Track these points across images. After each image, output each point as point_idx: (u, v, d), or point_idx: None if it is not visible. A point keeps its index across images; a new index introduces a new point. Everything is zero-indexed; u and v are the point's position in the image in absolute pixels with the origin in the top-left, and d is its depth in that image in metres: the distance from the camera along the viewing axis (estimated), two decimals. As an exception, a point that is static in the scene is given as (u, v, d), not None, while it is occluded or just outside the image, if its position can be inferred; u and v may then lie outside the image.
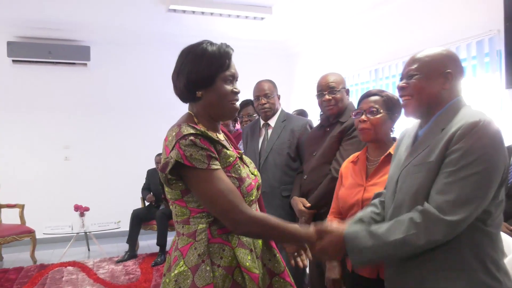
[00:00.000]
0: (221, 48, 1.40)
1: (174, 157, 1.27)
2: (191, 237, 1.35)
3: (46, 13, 5.09)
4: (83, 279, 4.23)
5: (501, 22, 3.31)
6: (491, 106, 3.44)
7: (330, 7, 5.00)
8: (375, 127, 1.87)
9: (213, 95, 1.39)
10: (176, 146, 1.27)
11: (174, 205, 1.40)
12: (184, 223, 1.37)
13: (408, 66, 1.40)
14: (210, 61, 1.36)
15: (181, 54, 1.42)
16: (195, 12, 4.96)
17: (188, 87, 1.39)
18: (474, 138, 1.21)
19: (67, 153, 5.88)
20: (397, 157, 1.52)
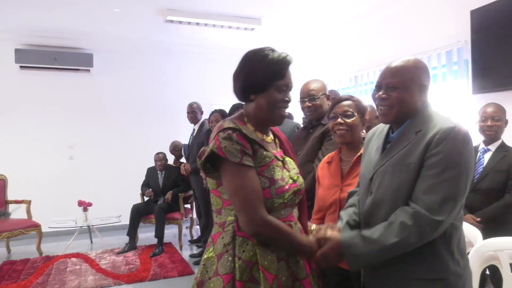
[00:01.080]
0: (280, 56, 1.36)
1: (211, 147, 1.27)
2: (221, 227, 1.34)
3: (52, 22, 5.04)
4: (86, 269, 4.19)
5: (468, 34, 3.36)
6: (459, 110, 3.49)
7: (314, 20, 5.02)
8: (351, 129, 1.86)
9: (264, 100, 1.35)
10: (215, 137, 1.27)
11: (211, 195, 1.39)
12: (217, 213, 1.36)
13: (389, 78, 1.39)
14: (267, 69, 1.32)
15: (245, 56, 1.39)
16: (190, 23, 4.95)
17: (244, 89, 1.36)
18: (452, 142, 1.24)
19: (71, 152, 5.83)
20: (367, 157, 1.53)
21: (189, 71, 6.39)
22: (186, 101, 4.89)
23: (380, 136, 1.51)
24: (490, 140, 2.71)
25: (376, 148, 1.48)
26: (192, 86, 6.31)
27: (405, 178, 1.30)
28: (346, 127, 1.86)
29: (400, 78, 1.37)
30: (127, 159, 5.95)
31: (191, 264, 4.31)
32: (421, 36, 3.91)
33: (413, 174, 1.28)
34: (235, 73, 1.38)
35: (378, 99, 1.42)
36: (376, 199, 1.38)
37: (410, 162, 1.29)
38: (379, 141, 1.49)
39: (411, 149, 1.31)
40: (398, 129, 1.42)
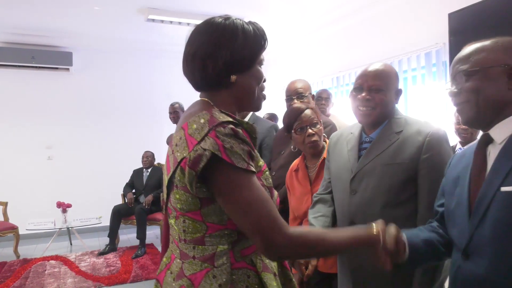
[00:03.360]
0: (256, 24, 1.07)
1: (211, 148, 0.88)
2: (207, 262, 0.96)
3: (31, 19, 4.92)
4: (65, 271, 4.11)
5: (446, 36, 3.44)
6: (437, 110, 3.56)
7: (297, 21, 5.06)
8: (320, 137, 1.88)
9: (249, 80, 1.04)
10: (211, 134, 0.90)
11: (182, 219, 0.98)
12: (196, 243, 0.98)
13: (372, 80, 1.43)
14: (254, 39, 1.03)
15: (206, 31, 1.02)
16: (172, 22, 4.91)
17: (221, 70, 1.00)
18: (441, 144, 1.35)
19: (49, 152, 5.71)
20: (337, 158, 1.56)
21: (172, 71, 6.32)
22: (169, 101, 4.85)
23: (349, 138, 1.55)
24: (466, 141, 2.77)
25: (349, 149, 1.52)
26: (175, 86, 6.22)
27: (397, 178, 1.35)
28: (317, 137, 1.86)
29: (382, 81, 1.43)
30: (108, 160, 5.88)
31: (173, 265, 4.27)
32: (400, 38, 3.98)
33: (405, 174, 1.35)
34: (193, 54, 1.02)
35: (361, 100, 1.45)
36: (365, 198, 1.41)
37: (402, 162, 1.35)
38: (350, 143, 1.53)
39: (399, 148, 1.37)
40: (373, 130, 1.47)
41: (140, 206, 4.85)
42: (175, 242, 1.03)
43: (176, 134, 0.99)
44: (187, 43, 1.05)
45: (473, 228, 1.00)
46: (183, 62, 1.07)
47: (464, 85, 1.07)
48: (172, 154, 0.98)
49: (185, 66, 1.06)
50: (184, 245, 1.00)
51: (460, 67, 1.11)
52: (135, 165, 5.38)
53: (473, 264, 1.00)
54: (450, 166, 1.20)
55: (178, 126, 1.01)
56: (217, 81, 1.02)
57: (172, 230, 1.05)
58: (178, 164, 0.93)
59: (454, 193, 1.11)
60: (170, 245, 1.07)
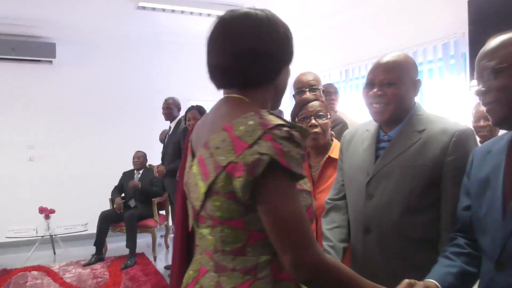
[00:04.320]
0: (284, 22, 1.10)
1: (269, 152, 0.86)
2: (249, 274, 0.95)
3: (9, 7, 4.92)
4: (49, 283, 4.11)
5: (466, 26, 3.43)
6: (456, 107, 3.55)
7: (303, 9, 5.04)
8: (324, 131, 1.89)
9: (285, 75, 1.08)
10: (267, 137, 0.88)
11: (220, 228, 0.96)
12: (236, 254, 0.96)
13: (382, 74, 1.42)
14: (290, 36, 1.07)
15: (256, 25, 1.01)
16: (165, 10, 4.91)
17: (275, 65, 1.03)
18: (469, 145, 1.33)
19: (31, 153, 5.71)
20: (352, 159, 1.56)
21: (164, 64, 6.33)
22: (161, 96, 4.85)
23: (365, 136, 1.54)
24: (485, 141, 2.76)
25: (364, 149, 1.51)
26: (168, 80, 6.26)
27: (419, 182, 1.34)
28: (321, 130, 1.87)
29: (394, 74, 1.41)
30: (95, 161, 5.87)
31: (166, 277, 4.28)
32: (415, 28, 3.97)
33: (427, 177, 1.33)
34: (261, 47, 1.00)
35: (373, 96, 1.44)
36: (383, 202, 1.40)
37: (424, 164, 1.34)
38: (365, 142, 1.52)
39: (422, 149, 1.36)
40: (392, 128, 1.45)
41: (130, 211, 4.85)
42: (207, 254, 1.00)
43: (215, 135, 0.96)
44: (234, 38, 1.01)
45: (508, 236, 0.98)
46: (226, 57, 1.02)
47: (492, 83, 1.05)
48: (210, 157, 0.95)
49: (231, 61, 1.01)
50: (221, 257, 0.98)
51: (486, 63, 1.07)
52: (125, 166, 5.37)
53: (508, 276, 0.98)
54: (473, 165, 1.18)
55: (214, 127, 0.99)
56: (267, 77, 1.04)
57: (203, 240, 1.02)
58: (223, 169, 0.91)
59: (484, 197, 1.09)
60: (198, 256, 1.05)
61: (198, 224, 1.03)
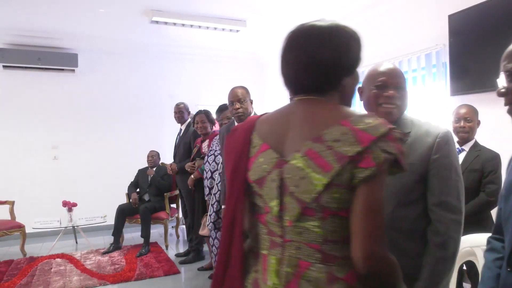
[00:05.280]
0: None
1: (395, 152, 0.89)
2: (348, 258, 0.92)
3: (37, 21, 4.94)
4: (71, 269, 4.12)
5: (447, 38, 3.43)
6: (438, 111, 3.55)
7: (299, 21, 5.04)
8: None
9: (352, 82, 1.06)
10: (391, 138, 0.89)
11: (331, 219, 0.92)
12: (344, 242, 0.92)
13: (396, 77, 1.43)
14: (352, 43, 1.03)
15: (330, 35, 1.01)
16: (176, 24, 4.91)
17: (342, 72, 1.01)
18: (449, 145, 1.38)
19: (56, 153, 5.72)
20: None
21: (174, 72, 6.35)
22: (172, 102, 4.86)
23: None
24: (464, 140, 2.77)
25: None
26: (178, 86, 6.28)
27: (409, 178, 1.35)
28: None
29: (403, 79, 1.46)
30: (112, 159, 5.89)
31: (177, 264, 4.28)
32: (401, 39, 3.97)
33: (416, 173, 1.36)
34: (333, 56, 0.99)
35: (389, 97, 1.42)
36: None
37: (413, 162, 1.35)
38: None
39: (410, 149, 1.38)
40: None
41: (145, 205, 4.85)
42: (312, 246, 0.93)
43: (330, 130, 0.92)
44: (298, 49, 1.02)
45: None
46: (298, 64, 1.01)
47: (509, 85, 1.00)
48: (327, 149, 0.90)
49: (301, 69, 1.00)
50: (331, 246, 0.93)
51: (506, 65, 1.02)
52: (139, 164, 5.38)
53: None
54: (508, 168, 1.14)
55: (322, 122, 0.95)
56: (329, 85, 1.01)
57: (304, 234, 0.94)
58: (349, 159, 0.88)
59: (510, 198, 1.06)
60: (293, 251, 0.96)
61: (301, 217, 0.94)
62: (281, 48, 1.07)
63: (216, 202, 3.13)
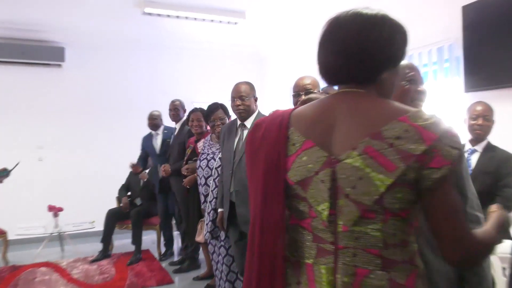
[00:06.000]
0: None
1: (459, 147, 0.90)
2: (412, 263, 0.94)
3: (20, 13, 4.95)
4: (57, 279, 4.13)
5: (460, 30, 3.45)
6: (451, 108, 3.57)
7: (301, 12, 5.07)
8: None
9: (393, 76, 1.06)
10: (453, 133, 0.90)
11: (392, 220, 0.92)
12: (403, 245, 0.93)
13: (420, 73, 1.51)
14: (396, 37, 1.05)
15: (374, 25, 1.01)
16: (170, 16, 4.93)
17: (384, 65, 1.01)
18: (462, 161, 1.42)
19: (41, 153, 5.74)
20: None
21: (168, 67, 6.36)
22: (166, 98, 4.87)
23: None
24: (478, 139, 2.78)
25: None
26: (172, 83, 6.29)
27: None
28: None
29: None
30: (102, 161, 5.89)
31: (170, 273, 4.29)
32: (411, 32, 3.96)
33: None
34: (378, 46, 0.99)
35: (420, 92, 1.49)
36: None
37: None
38: None
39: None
40: None
41: (136, 209, 4.86)
42: (372, 252, 0.92)
43: (389, 126, 0.91)
44: (341, 37, 1.00)
45: None
46: (339, 53, 1.00)
47: None
48: (389, 147, 0.89)
49: (343, 58, 0.99)
50: (392, 251, 0.92)
51: None
52: (130, 166, 5.38)
53: None
54: None
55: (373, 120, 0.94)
56: (368, 77, 1.01)
57: (365, 238, 0.92)
58: (415, 158, 0.87)
59: None
60: (347, 259, 0.93)
61: (359, 221, 0.92)
62: (320, 35, 1.06)
63: (212, 210, 3.14)
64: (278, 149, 1.00)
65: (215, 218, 3.08)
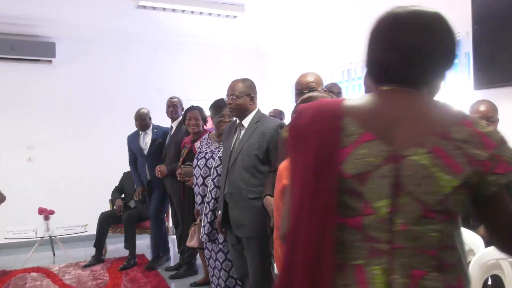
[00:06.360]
0: None
1: None
2: (460, 266, 0.98)
3: (8, 6, 4.93)
4: (48, 285, 4.11)
5: (469, 25, 3.42)
6: (460, 107, 3.54)
7: (304, 7, 5.04)
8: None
9: (439, 82, 1.10)
10: (505, 141, 0.96)
11: (449, 222, 0.96)
12: (454, 248, 0.97)
13: None
14: (455, 41, 1.06)
15: (441, 26, 1.02)
16: (165, 9, 4.91)
17: (441, 67, 1.06)
18: None
19: (30, 153, 5.72)
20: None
21: (164, 63, 6.34)
22: (161, 96, 4.86)
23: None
24: None
25: None
26: (168, 79, 6.27)
27: None
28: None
29: None
30: (95, 161, 5.88)
31: (166, 279, 4.27)
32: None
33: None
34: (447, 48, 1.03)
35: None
36: None
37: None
38: None
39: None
40: None
41: (128, 212, 4.84)
42: (429, 253, 0.93)
43: (456, 128, 0.93)
44: (403, 33, 1.01)
45: None
46: (397, 51, 1.01)
47: None
48: (457, 150, 0.91)
49: (401, 57, 1.01)
50: (447, 252, 0.95)
51: None
52: (125, 167, 5.35)
53: None
54: None
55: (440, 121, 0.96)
56: (426, 78, 1.04)
57: (420, 239, 0.93)
58: (480, 164, 0.91)
59: None
60: (404, 259, 0.93)
61: (420, 221, 0.93)
62: (375, 30, 1.07)
63: (210, 211, 3.12)
64: (332, 139, 0.97)
65: (213, 220, 3.06)
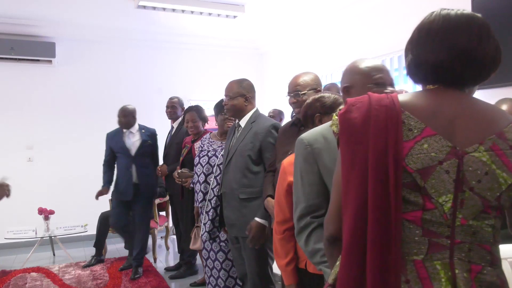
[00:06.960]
0: None
1: None
2: (500, 261, 1.01)
3: (8, 6, 4.94)
4: (48, 285, 4.12)
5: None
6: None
7: (303, 6, 5.05)
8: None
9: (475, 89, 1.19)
10: None
11: (499, 218, 1.00)
12: (499, 243, 1.01)
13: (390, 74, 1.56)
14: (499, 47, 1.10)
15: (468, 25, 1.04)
16: (165, 9, 4.92)
17: (492, 70, 1.09)
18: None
19: (30, 153, 5.74)
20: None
21: (164, 63, 6.35)
22: (161, 96, 4.87)
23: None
24: None
25: None
26: (168, 79, 6.28)
27: None
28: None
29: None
30: (95, 161, 5.84)
31: (166, 279, 4.29)
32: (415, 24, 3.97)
33: None
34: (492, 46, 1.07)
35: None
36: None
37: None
38: None
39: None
40: None
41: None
42: (485, 247, 0.96)
43: (509, 129, 0.98)
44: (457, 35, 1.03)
45: None
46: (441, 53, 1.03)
47: None
48: (510, 149, 0.96)
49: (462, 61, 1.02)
50: (496, 248, 0.99)
51: None
52: (124, 167, 5.36)
53: None
54: None
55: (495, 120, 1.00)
56: (473, 82, 1.08)
57: (476, 234, 0.96)
58: None
59: None
60: (463, 254, 0.95)
61: (479, 216, 0.96)
62: (421, 32, 1.12)
63: (212, 209, 3.13)
64: (392, 133, 0.96)
65: (215, 218, 3.07)
